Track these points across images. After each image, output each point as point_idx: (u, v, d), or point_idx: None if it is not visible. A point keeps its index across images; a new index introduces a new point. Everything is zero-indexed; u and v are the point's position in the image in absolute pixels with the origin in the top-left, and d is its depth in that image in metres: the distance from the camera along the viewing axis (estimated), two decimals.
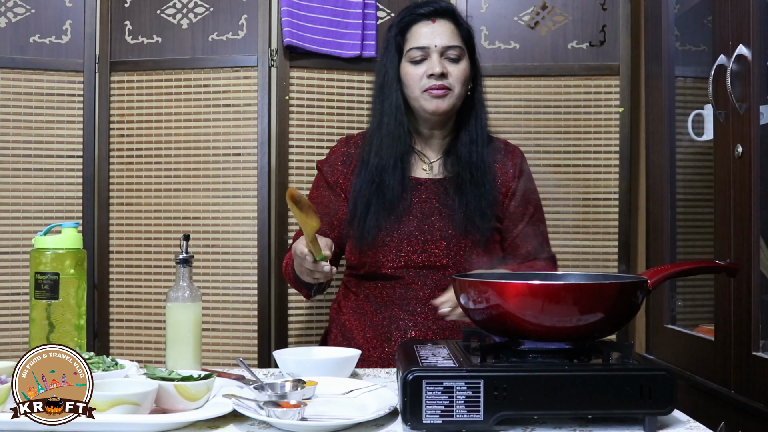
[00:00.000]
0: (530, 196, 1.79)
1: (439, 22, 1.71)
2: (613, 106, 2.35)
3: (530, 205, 1.78)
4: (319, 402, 1.22)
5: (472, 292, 1.17)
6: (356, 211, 1.71)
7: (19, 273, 2.29)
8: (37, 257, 1.40)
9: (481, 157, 1.72)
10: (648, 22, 2.22)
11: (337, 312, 1.83)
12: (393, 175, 1.69)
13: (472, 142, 1.72)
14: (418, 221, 1.70)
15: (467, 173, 1.70)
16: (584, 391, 1.06)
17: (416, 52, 1.69)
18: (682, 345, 1.94)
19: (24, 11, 2.34)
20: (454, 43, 1.70)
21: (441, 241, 1.69)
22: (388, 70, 1.73)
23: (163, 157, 2.34)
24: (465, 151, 1.72)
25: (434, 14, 1.71)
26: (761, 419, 1.51)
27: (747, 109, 1.58)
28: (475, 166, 1.71)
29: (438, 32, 1.70)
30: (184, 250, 1.45)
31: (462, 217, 1.68)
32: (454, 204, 1.70)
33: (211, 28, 2.35)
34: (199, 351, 1.44)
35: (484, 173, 1.71)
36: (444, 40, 1.69)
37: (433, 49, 1.68)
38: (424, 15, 1.72)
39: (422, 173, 1.76)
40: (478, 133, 1.73)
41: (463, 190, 1.70)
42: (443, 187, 1.73)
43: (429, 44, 1.69)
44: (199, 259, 2.28)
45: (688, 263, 1.43)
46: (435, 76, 1.67)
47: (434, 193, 1.73)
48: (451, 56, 1.69)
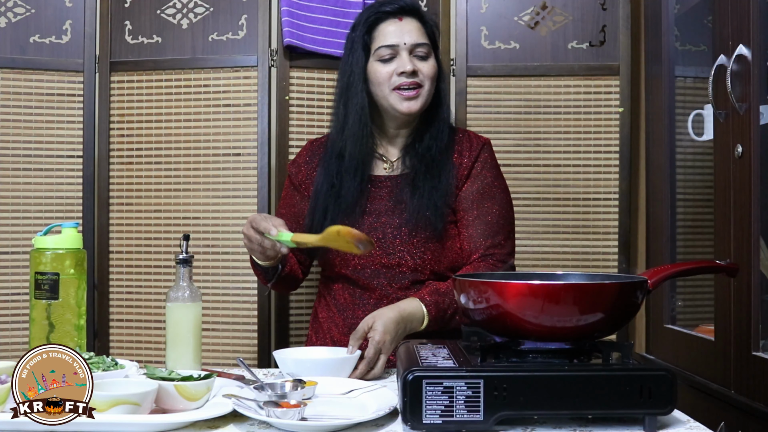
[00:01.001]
0: (484, 189, 1.71)
1: (406, 20, 1.70)
2: (613, 106, 2.35)
3: (482, 197, 1.70)
4: (319, 402, 1.22)
5: (472, 292, 1.17)
6: (314, 214, 1.71)
7: (19, 273, 2.29)
8: (37, 257, 1.40)
9: (438, 150, 1.70)
10: (648, 22, 2.22)
11: (314, 314, 1.83)
12: (354, 178, 1.68)
13: (432, 137, 1.71)
14: (371, 220, 1.69)
15: (422, 167, 1.69)
16: (584, 391, 1.06)
17: (385, 51, 1.68)
18: (682, 345, 1.94)
19: (24, 11, 2.34)
20: (422, 40, 1.69)
21: (396, 238, 1.67)
22: (353, 70, 1.71)
23: (163, 157, 2.34)
24: (423, 147, 1.70)
25: (401, 12, 1.70)
26: (761, 419, 1.51)
27: (747, 109, 1.58)
28: (431, 158, 1.69)
29: (406, 30, 1.68)
30: (184, 250, 1.45)
31: (413, 212, 1.66)
32: (407, 198, 1.68)
33: (211, 28, 2.35)
34: (199, 351, 1.44)
35: (440, 166, 1.69)
36: (413, 37, 1.68)
37: (403, 47, 1.67)
38: (390, 13, 1.70)
39: (382, 171, 1.74)
40: (439, 128, 1.72)
41: (416, 184, 1.68)
42: (397, 183, 1.71)
43: (398, 42, 1.67)
44: (199, 259, 2.28)
45: (688, 263, 1.43)
46: (406, 74, 1.65)
47: (388, 191, 1.71)
48: (419, 54, 1.68)
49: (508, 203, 1.75)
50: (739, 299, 1.60)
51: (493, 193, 1.72)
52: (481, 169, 1.73)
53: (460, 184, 1.72)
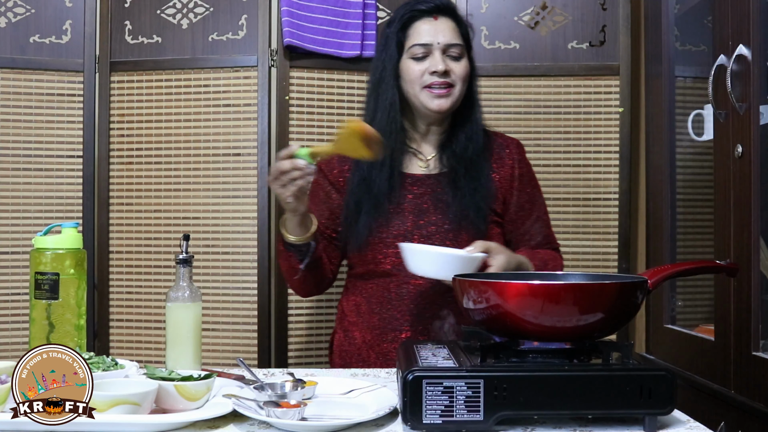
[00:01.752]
0: (533, 190, 1.80)
1: (441, 20, 1.71)
2: (613, 106, 2.35)
3: (533, 198, 1.79)
4: (319, 402, 1.22)
5: (472, 292, 1.17)
6: (349, 210, 1.71)
7: (19, 273, 2.29)
8: (37, 257, 1.40)
9: (476, 152, 1.72)
10: (648, 22, 2.22)
11: (341, 313, 1.82)
12: (381, 172, 1.69)
13: (468, 138, 1.73)
14: (414, 217, 1.70)
15: (462, 167, 1.70)
16: (584, 391, 1.06)
17: (418, 49, 1.69)
18: (682, 345, 1.94)
19: (24, 11, 2.34)
20: (456, 41, 1.70)
21: (437, 236, 1.68)
22: (386, 66, 1.72)
23: (163, 157, 2.34)
24: (460, 147, 1.72)
25: (436, 11, 1.71)
26: (761, 419, 1.51)
27: (747, 109, 1.58)
28: (469, 160, 1.71)
29: (440, 29, 1.70)
30: (184, 250, 1.45)
31: (456, 211, 1.68)
32: (449, 198, 1.70)
33: (211, 28, 2.35)
34: (199, 351, 1.44)
35: (479, 167, 1.71)
36: (446, 37, 1.69)
37: (436, 47, 1.68)
38: (426, 11, 1.71)
39: (418, 169, 1.75)
40: (473, 128, 1.74)
41: (458, 184, 1.70)
42: (438, 182, 1.73)
43: (432, 41, 1.69)
44: (199, 259, 2.28)
45: (688, 263, 1.43)
46: (438, 73, 1.67)
47: (429, 189, 1.72)
48: (453, 54, 1.70)
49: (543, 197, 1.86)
50: (739, 299, 1.60)
51: (537, 195, 1.81)
52: (525, 172, 1.79)
53: (503, 187, 1.75)
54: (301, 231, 1.62)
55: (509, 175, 1.76)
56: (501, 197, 1.75)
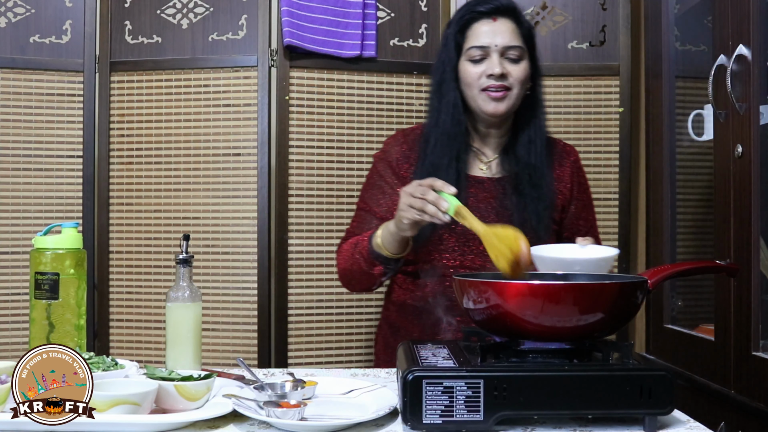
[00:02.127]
0: (588, 199, 1.79)
1: (500, 21, 1.66)
2: (613, 106, 2.35)
3: (588, 207, 1.79)
4: (319, 402, 1.22)
5: (472, 292, 1.16)
6: None
7: (19, 273, 2.29)
8: (37, 257, 1.40)
9: (539, 158, 1.68)
10: (648, 22, 2.22)
11: (387, 309, 1.80)
12: (447, 174, 1.64)
13: (531, 142, 1.69)
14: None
15: (525, 174, 1.67)
16: (584, 391, 1.06)
17: (476, 51, 1.65)
18: (682, 345, 1.94)
19: (24, 11, 2.34)
20: (515, 43, 1.65)
21: None
22: (446, 68, 1.69)
23: (163, 157, 2.34)
24: (523, 151, 1.68)
25: (495, 12, 1.66)
26: (761, 419, 1.51)
27: (747, 109, 1.58)
28: (533, 167, 1.67)
29: (499, 31, 1.65)
30: (184, 250, 1.45)
31: (518, 218, 1.64)
32: (512, 205, 1.66)
33: (211, 28, 2.35)
34: (199, 351, 1.44)
35: (542, 175, 1.67)
36: (505, 39, 1.64)
37: (494, 49, 1.64)
38: (485, 13, 1.67)
39: (479, 172, 1.72)
40: (536, 133, 1.70)
41: (522, 191, 1.66)
42: (501, 187, 1.69)
43: (489, 43, 1.64)
44: (199, 259, 2.28)
45: (688, 263, 1.43)
46: (494, 77, 1.63)
47: (493, 193, 1.69)
48: (511, 56, 1.65)
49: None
50: (739, 299, 1.60)
51: (590, 204, 1.80)
52: (583, 181, 1.78)
53: (563, 195, 1.73)
54: (396, 248, 1.58)
55: (569, 183, 1.74)
56: (560, 206, 1.72)
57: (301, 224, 2.33)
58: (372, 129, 2.38)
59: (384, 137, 2.38)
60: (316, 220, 2.34)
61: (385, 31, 2.40)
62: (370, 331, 2.37)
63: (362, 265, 1.64)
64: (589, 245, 1.50)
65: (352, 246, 1.67)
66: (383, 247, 1.58)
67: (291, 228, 2.32)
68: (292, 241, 2.32)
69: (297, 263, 2.32)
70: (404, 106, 2.41)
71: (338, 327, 2.35)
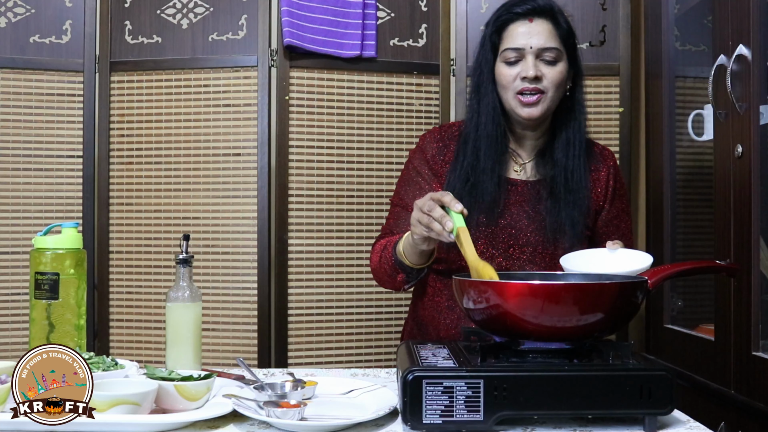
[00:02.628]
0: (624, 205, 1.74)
1: (537, 22, 1.62)
2: (613, 106, 2.35)
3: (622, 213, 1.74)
4: (319, 402, 1.22)
5: (472, 292, 1.16)
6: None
7: (19, 273, 2.29)
8: (37, 257, 1.40)
9: (577, 162, 1.64)
10: (648, 22, 2.22)
11: (414, 306, 1.78)
12: (490, 178, 1.62)
13: (569, 145, 1.64)
14: (505, 224, 1.64)
15: (562, 178, 1.63)
16: (584, 391, 1.06)
17: (511, 53, 1.61)
18: (682, 345, 1.94)
19: (24, 11, 2.34)
20: (551, 44, 1.61)
21: (526, 246, 1.62)
22: (483, 70, 1.66)
23: (163, 157, 2.35)
24: (561, 155, 1.64)
25: (532, 13, 1.62)
26: (761, 419, 1.51)
27: (747, 109, 1.58)
28: (570, 171, 1.63)
29: (535, 32, 1.61)
30: (184, 250, 1.45)
31: (552, 223, 1.61)
32: (546, 209, 1.63)
33: (211, 28, 2.35)
34: (199, 351, 1.44)
35: (579, 179, 1.63)
36: (540, 41, 1.60)
37: (529, 51, 1.60)
38: (521, 14, 1.63)
39: (514, 174, 1.68)
40: (575, 136, 1.65)
41: (557, 195, 1.62)
42: (536, 191, 1.66)
43: (524, 45, 1.60)
44: (199, 259, 2.28)
45: (688, 263, 1.43)
46: (528, 79, 1.59)
47: (526, 197, 1.66)
48: (547, 58, 1.61)
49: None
50: (739, 299, 1.60)
51: (626, 210, 1.76)
52: (619, 186, 1.73)
53: (597, 200, 1.69)
54: (417, 259, 1.55)
55: (605, 188, 1.70)
56: (593, 211, 1.69)
57: (301, 224, 2.33)
58: (372, 129, 2.38)
59: (384, 137, 2.38)
60: (316, 220, 2.34)
61: (385, 31, 2.40)
62: (370, 331, 2.37)
63: (387, 270, 1.63)
64: (619, 249, 1.47)
65: (381, 247, 1.65)
66: (405, 257, 1.56)
67: (291, 228, 2.32)
68: (292, 241, 2.32)
69: (297, 263, 2.32)
70: (404, 106, 2.41)
71: (338, 327, 2.35)
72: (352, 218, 2.37)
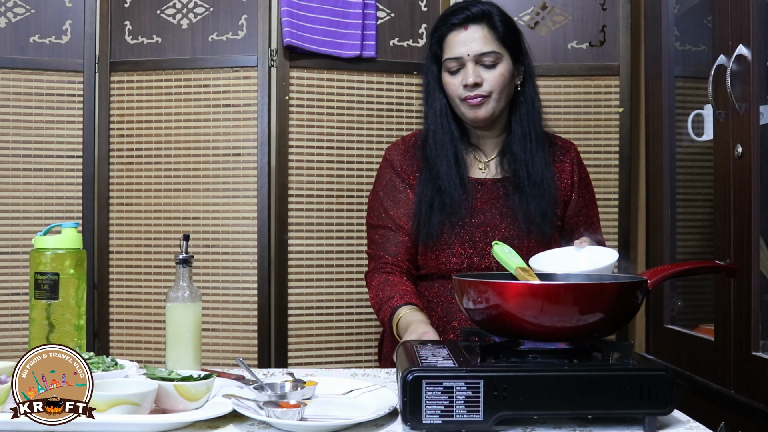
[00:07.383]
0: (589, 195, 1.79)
1: (472, 29, 1.66)
2: (613, 106, 2.35)
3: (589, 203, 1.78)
4: (319, 402, 1.22)
5: (472, 292, 1.16)
6: (420, 211, 1.69)
7: (19, 273, 2.29)
8: (37, 257, 1.40)
9: (536, 155, 1.69)
10: (648, 22, 2.22)
11: None
12: (448, 177, 1.67)
13: (526, 140, 1.69)
14: (479, 222, 1.68)
15: (524, 172, 1.68)
16: (584, 391, 1.06)
17: (452, 63, 1.67)
18: (682, 345, 1.94)
19: (24, 11, 2.34)
20: (487, 48, 1.65)
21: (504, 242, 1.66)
22: (429, 79, 1.73)
23: (163, 157, 2.35)
24: (519, 150, 1.69)
25: (466, 21, 1.67)
26: (761, 419, 1.51)
27: (747, 109, 1.58)
28: (531, 164, 1.68)
29: (470, 39, 1.65)
30: (184, 250, 1.45)
31: (524, 218, 1.66)
32: (515, 205, 1.67)
33: (211, 28, 2.35)
34: (199, 351, 1.44)
35: (542, 172, 1.68)
36: (476, 47, 1.65)
37: (467, 58, 1.65)
38: (456, 24, 1.68)
39: (479, 173, 1.73)
40: (531, 130, 1.70)
41: (523, 190, 1.67)
42: (503, 188, 1.70)
43: (462, 54, 1.65)
44: (199, 259, 2.28)
45: (688, 263, 1.43)
46: (469, 87, 1.65)
47: (495, 194, 1.70)
48: (486, 62, 1.66)
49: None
50: (739, 299, 1.60)
51: (592, 199, 1.80)
52: (584, 176, 1.78)
53: (564, 191, 1.74)
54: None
55: (569, 179, 1.75)
56: (562, 202, 1.73)
57: (301, 224, 2.33)
58: (372, 129, 2.39)
59: (384, 137, 2.38)
60: (316, 220, 2.34)
61: (385, 31, 2.40)
62: (370, 330, 2.37)
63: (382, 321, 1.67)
64: (587, 247, 1.50)
65: (377, 296, 1.67)
66: (399, 336, 1.58)
67: (291, 228, 2.32)
68: (292, 241, 2.32)
69: (297, 263, 2.32)
70: (404, 106, 2.41)
71: (338, 327, 2.35)
72: (352, 218, 2.37)
